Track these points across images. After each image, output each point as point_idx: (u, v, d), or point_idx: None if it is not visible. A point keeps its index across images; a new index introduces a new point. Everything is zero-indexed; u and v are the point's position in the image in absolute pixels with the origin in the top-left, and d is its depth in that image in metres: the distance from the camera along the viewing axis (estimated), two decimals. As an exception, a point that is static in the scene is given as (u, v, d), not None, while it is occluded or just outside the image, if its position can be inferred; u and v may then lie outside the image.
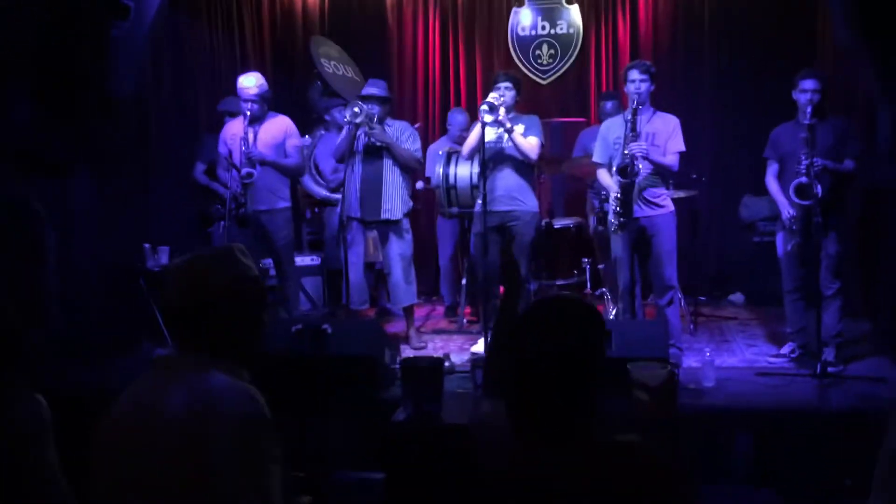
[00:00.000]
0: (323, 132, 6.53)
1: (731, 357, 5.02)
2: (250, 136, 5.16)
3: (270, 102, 5.34)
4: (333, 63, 6.89)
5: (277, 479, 1.73)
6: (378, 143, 5.28)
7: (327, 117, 6.44)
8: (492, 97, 5.01)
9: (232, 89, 5.51)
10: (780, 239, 4.83)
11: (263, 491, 1.68)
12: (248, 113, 5.14)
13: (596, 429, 1.61)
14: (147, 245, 5.53)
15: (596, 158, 5.00)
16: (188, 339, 1.78)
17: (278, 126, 5.34)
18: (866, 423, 3.63)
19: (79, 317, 4.96)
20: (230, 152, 5.23)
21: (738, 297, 6.76)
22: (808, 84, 4.55)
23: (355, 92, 5.96)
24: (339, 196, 6.20)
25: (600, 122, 5.81)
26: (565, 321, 1.63)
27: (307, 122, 6.68)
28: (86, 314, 5.03)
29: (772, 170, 4.84)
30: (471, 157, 5.34)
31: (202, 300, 1.77)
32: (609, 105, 6.01)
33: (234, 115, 5.58)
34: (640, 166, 4.59)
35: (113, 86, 4.82)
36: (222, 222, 5.42)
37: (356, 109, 5.17)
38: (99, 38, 4.57)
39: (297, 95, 7.12)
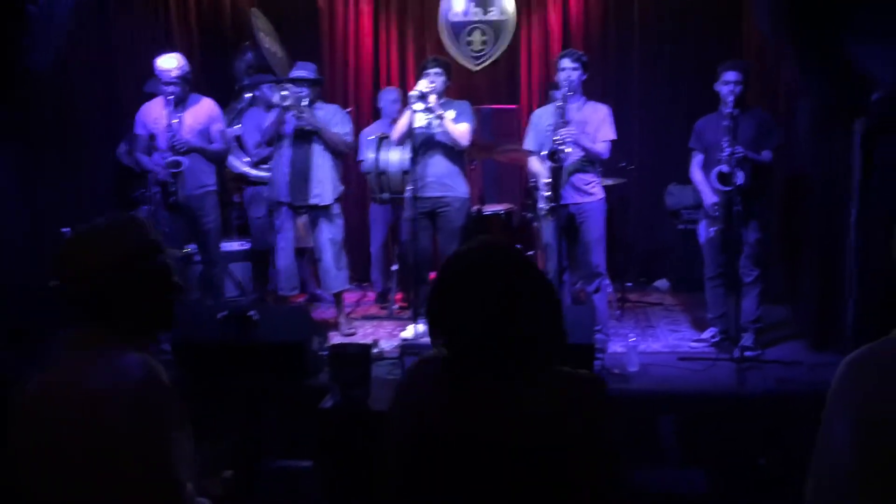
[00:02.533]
0: (247, 106, 6.41)
1: (655, 342, 5.13)
2: (175, 121, 5.02)
3: (192, 83, 5.21)
4: (269, 39, 6.75)
5: (183, 450, 1.71)
6: (307, 127, 5.20)
7: (256, 93, 6.32)
8: (422, 84, 4.99)
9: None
10: (702, 226, 4.95)
11: (166, 460, 1.66)
12: (171, 97, 5.00)
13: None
14: (67, 230, 5.33)
15: (527, 146, 5.04)
16: (92, 315, 1.75)
17: (203, 110, 5.22)
18: (782, 404, 3.77)
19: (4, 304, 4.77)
20: (150, 134, 5.09)
21: (663, 283, 6.90)
22: (731, 76, 4.66)
23: (285, 72, 5.86)
24: (259, 173, 6.11)
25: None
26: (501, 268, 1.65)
27: (230, 94, 6.54)
28: (5, 300, 4.84)
29: (696, 160, 4.95)
30: (401, 143, 5.31)
31: (102, 273, 1.72)
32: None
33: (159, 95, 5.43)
34: (569, 150, 4.64)
35: (31, 62, 4.62)
36: (146, 206, 5.29)
37: (285, 93, 5.09)
38: (15, 12, 4.36)
39: (224, 72, 6.96)
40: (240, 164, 6.22)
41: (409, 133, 5.06)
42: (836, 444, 1.28)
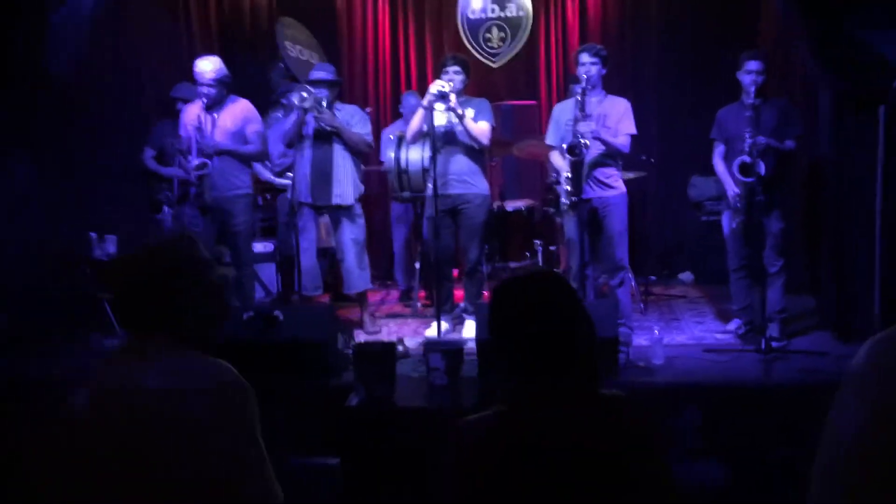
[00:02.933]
0: (280, 115, 6.46)
1: (679, 335, 5.11)
2: (208, 123, 5.07)
3: (229, 86, 5.25)
4: (298, 48, 6.80)
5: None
6: (327, 128, 5.24)
7: (284, 101, 6.36)
8: (441, 83, 5.01)
9: (181, 74, 5.41)
10: (725, 218, 4.92)
11: (258, 458, 1.69)
12: (205, 99, 5.05)
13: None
14: (94, 233, 5.42)
15: (548, 140, 5.04)
16: (146, 324, 1.77)
17: (238, 111, 5.26)
18: (808, 395, 3.74)
19: (22, 306, 4.86)
20: (189, 137, 5.14)
21: (687, 275, 6.87)
22: (753, 65, 4.62)
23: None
24: (283, 181, 6.15)
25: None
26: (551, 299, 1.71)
27: (263, 103, 6.58)
28: (29, 304, 4.92)
29: (718, 150, 4.92)
30: (415, 141, 5.33)
31: (159, 283, 1.76)
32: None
33: (187, 101, 5.49)
34: (588, 143, 4.63)
35: (52, 69, 4.70)
36: (168, 208, 5.35)
37: (304, 94, 5.13)
38: (38, 20, 4.44)
39: (244, 78, 7.01)
40: (266, 172, 6.28)
41: (428, 131, 5.08)
42: (846, 426, 1.27)
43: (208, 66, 5.09)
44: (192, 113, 5.20)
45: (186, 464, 1.62)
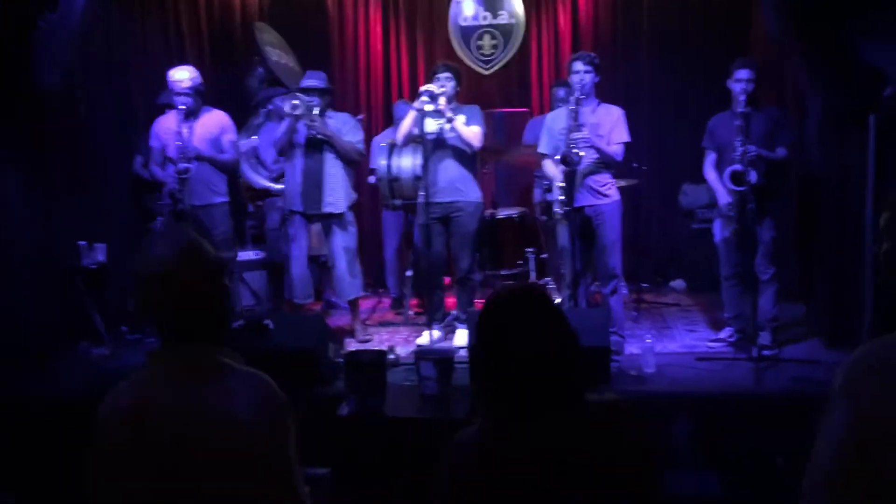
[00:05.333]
0: (264, 121, 6.43)
1: (672, 343, 5.11)
2: (185, 130, 5.07)
3: (205, 96, 5.26)
4: (277, 52, 6.79)
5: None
6: (319, 136, 5.23)
7: (270, 106, 6.33)
8: (431, 85, 5.01)
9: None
10: (717, 225, 4.93)
11: (295, 475, 1.68)
12: (183, 107, 5.06)
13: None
14: (83, 242, 5.39)
15: (541, 149, 5.03)
16: (178, 330, 1.72)
17: (214, 121, 5.27)
18: (800, 403, 3.74)
19: (12, 317, 4.82)
20: (163, 146, 5.14)
21: (679, 283, 6.88)
22: (743, 74, 4.64)
23: (296, 82, 5.88)
24: (279, 187, 6.13)
25: (552, 109, 5.86)
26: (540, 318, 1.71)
27: (245, 110, 6.57)
28: (20, 314, 4.89)
29: (709, 159, 4.93)
30: (405, 144, 5.33)
31: (191, 289, 1.71)
32: (561, 92, 6.00)
33: (174, 108, 5.48)
34: (583, 153, 4.64)
35: (40, 79, 4.67)
36: (161, 217, 5.33)
37: (295, 102, 5.12)
38: (26, 30, 4.42)
39: (235, 85, 7.00)
40: (261, 179, 6.25)
41: (420, 137, 5.07)
42: (833, 438, 1.27)
43: (185, 75, 5.10)
44: (167, 122, 5.21)
45: (227, 479, 1.60)
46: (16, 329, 4.81)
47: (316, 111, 5.19)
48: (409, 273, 6.07)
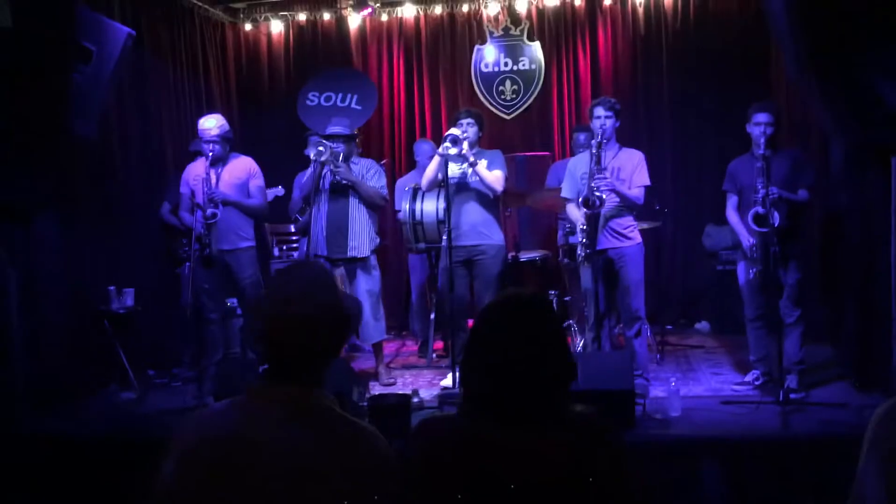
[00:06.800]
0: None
1: (697, 386, 5.07)
2: (213, 176, 5.18)
3: (232, 142, 5.37)
4: (327, 94, 6.88)
5: None
6: (344, 182, 5.31)
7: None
8: (455, 131, 5.09)
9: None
10: (741, 268, 4.91)
11: None
12: (210, 154, 5.17)
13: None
14: (112, 287, 5.48)
15: (564, 193, 5.08)
16: (287, 368, 1.66)
17: (241, 167, 5.38)
18: (828, 447, 3.69)
19: (43, 360, 4.90)
20: (193, 192, 5.24)
21: (704, 325, 6.84)
22: (762, 117, 4.66)
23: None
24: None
25: (573, 153, 5.91)
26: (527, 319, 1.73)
27: (275, 162, 6.68)
28: (51, 358, 4.97)
29: (731, 202, 4.94)
30: (430, 189, 5.39)
31: (309, 327, 1.67)
32: (582, 137, 6.06)
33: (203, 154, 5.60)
34: (605, 196, 4.67)
35: (75, 129, 4.81)
36: (188, 263, 5.41)
37: (321, 148, 5.21)
38: (61, 82, 4.56)
39: (263, 131, 7.15)
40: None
41: (443, 181, 5.13)
42: (867, 491, 1.27)
43: (212, 123, 5.22)
44: (196, 169, 5.33)
45: None
46: (46, 371, 4.89)
47: (341, 157, 5.28)
48: (432, 316, 6.09)
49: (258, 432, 1.58)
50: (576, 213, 4.96)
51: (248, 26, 7.74)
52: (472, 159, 5.08)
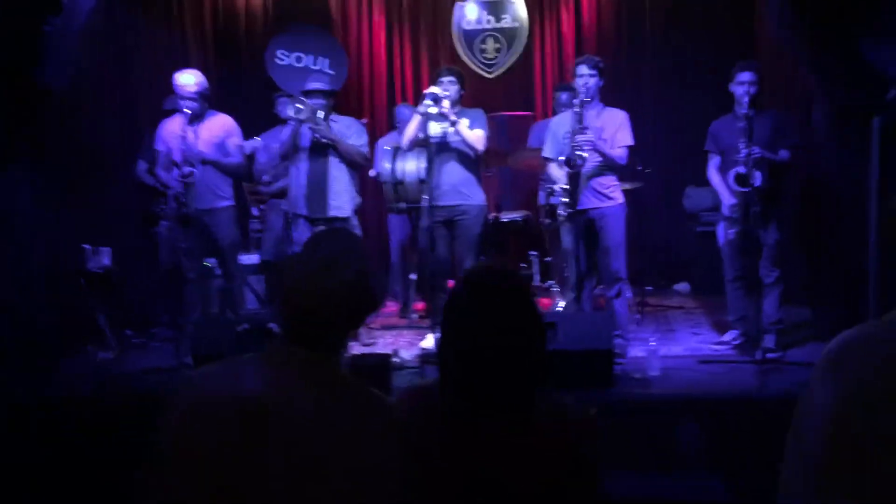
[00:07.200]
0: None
1: (676, 346, 5.10)
2: (191, 134, 5.08)
3: (210, 100, 5.27)
4: (296, 55, 6.75)
5: None
6: (323, 140, 5.23)
7: (275, 111, 6.32)
8: (435, 88, 5.02)
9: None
10: (720, 228, 4.92)
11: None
12: (188, 111, 5.06)
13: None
14: (88, 246, 5.40)
15: (546, 153, 5.04)
16: (307, 333, 1.64)
17: (219, 124, 5.27)
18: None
19: (20, 320, 4.84)
20: (169, 150, 5.15)
21: (683, 286, 6.87)
22: (745, 76, 4.64)
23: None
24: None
25: (555, 113, 5.86)
26: (505, 302, 1.69)
27: (253, 116, 6.58)
28: (27, 318, 4.90)
29: (713, 162, 4.93)
30: (410, 149, 5.33)
31: (336, 293, 1.64)
32: (564, 96, 6.00)
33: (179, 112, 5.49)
34: (586, 155, 4.64)
35: (45, 81, 4.69)
36: (165, 222, 5.34)
37: (299, 105, 5.12)
38: (31, 33, 4.44)
39: (240, 88, 7.02)
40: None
41: (424, 141, 5.08)
42: (807, 433, 1.26)
43: (191, 80, 5.10)
44: (172, 126, 5.21)
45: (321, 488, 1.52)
46: (23, 332, 4.82)
47: (320, 114, 5.20)
48: (413, 276, 6.07)
49: (277, 393, 1.58)
50: (557, 173, 4.93)
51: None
52: (453, 118, 5.02)
